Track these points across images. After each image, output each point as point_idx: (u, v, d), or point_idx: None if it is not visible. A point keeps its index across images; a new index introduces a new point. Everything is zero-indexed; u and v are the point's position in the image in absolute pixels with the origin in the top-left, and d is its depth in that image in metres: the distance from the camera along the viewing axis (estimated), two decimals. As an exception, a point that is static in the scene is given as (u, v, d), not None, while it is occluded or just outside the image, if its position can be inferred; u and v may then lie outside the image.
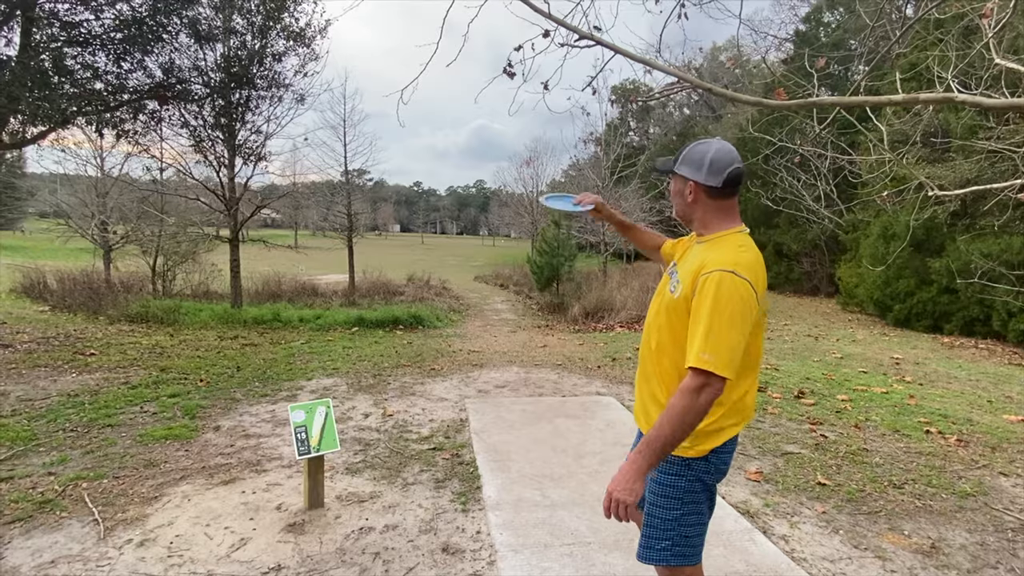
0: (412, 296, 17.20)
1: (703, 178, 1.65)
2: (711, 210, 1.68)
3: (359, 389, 5.61)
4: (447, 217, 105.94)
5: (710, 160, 1.64)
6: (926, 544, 2.94)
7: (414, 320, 11.25)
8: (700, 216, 1.70)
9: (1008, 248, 8.89)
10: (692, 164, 1.68)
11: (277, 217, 49.36)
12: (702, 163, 1.65)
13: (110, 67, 6.20)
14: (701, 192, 1.67)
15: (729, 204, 1.68)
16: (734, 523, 3.08)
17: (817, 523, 3.15)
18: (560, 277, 15.66)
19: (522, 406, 5.06)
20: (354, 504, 3.19)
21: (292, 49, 8.04)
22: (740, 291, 1.46)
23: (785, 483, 3.67)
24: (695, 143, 1.71)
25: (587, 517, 3.09)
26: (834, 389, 6.20)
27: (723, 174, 1.63)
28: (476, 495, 3.34)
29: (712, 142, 1.68)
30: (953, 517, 3.24)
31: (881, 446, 4.41)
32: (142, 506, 3.11)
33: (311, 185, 21.10)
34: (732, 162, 1.64)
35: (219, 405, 4.92)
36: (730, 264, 1.50)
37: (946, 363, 8.07)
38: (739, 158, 1.66)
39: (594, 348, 8.55)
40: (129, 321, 9.68)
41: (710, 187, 1.65)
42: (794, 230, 17.69)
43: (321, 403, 3.16)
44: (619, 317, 11.52)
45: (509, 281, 22.75)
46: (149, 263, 13.72)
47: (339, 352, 7.55)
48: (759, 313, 1.54)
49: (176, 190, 12.67)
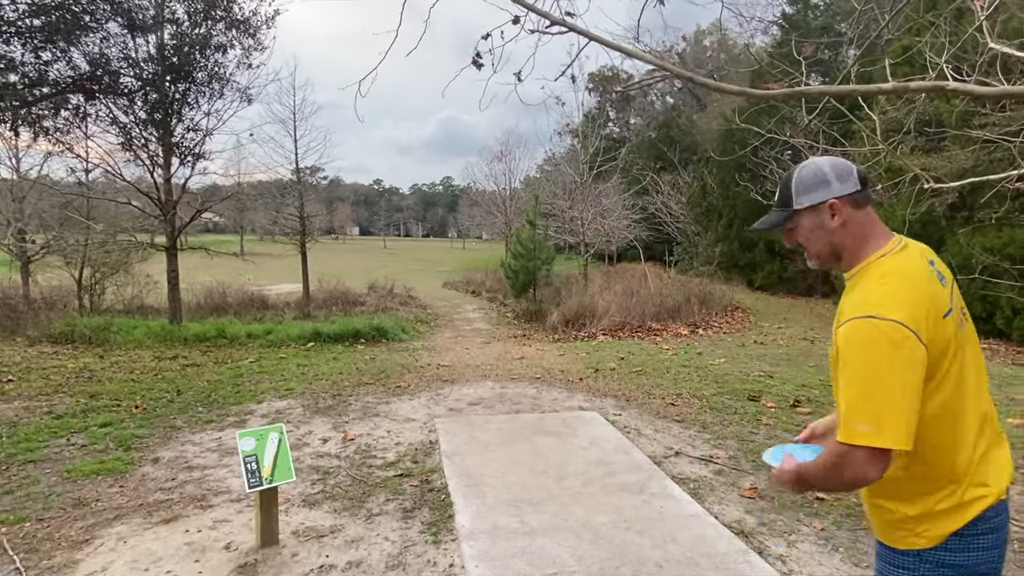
0: (374, 306, 17.08)
1: (839, 188, 1.47)
2: (860, 231, 1.48)
3: (316, 411, 5.54)
4: (412, 218, 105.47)
5: (831, 169, 1.48)
6: (929, 559, 3.04)
7: (377, 333, 11.18)
8: (851, 242, 1.49)
9: (1011, 241, 9.26)
10: (816, 185, 1.49)
11: (220, 221, 48.49)
12: (826, 177, 1.48)
13: (27, 58, 6.05)
14: (846, 206, 1.47)
15: (872, 216, 1.49)
16: (728, 544, 3.14)
17: (816, 541, 3.23)
18: (537, 282, 15.73)
19: (497, 424, 5.07)
20: (312, 540, 3.15)
21: (236, 40, 7.92)
22: (883, 338, 1.28)
23: (781, 499, 3.76)
24: (792, 172, 1.56)
25: (570, 544, 3.11)
26: (831, 397, 6.35)
27: (853, 174, 1.48)
28: (448, 524, 3.34)
29: (812, 159, 1.53)
30: (957, 529, 3.36)
31: (881, 456, 4.54)
32: (71, 551, 3.02)
33: (258, 185, 20.81)
34: (850, 162, 1.50)
35: (157, 434, 4.81)
36: (866, 306, 1.33)
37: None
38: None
39: (576, 359, 8.61)
40: (52, 342, 9.39)
41: (851, 194, 1.46)
42: (786, 226, 18.12)
43: (273, 428, 3.12)
44: (602, 324, 11.63)
45: (481, 287, 22.77)
46: (74, 276, 13.34)
47: (293, 371, 7.46)
48: (941, 341, 1.34)
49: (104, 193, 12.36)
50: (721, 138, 20.78)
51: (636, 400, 6.08)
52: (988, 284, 9.60)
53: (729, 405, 5.96)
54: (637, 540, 3.16)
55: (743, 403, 6.04)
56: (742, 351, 9.41)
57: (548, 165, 49.91)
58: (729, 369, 7.77)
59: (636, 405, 5.89)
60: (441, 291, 23.05)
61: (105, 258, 13.91)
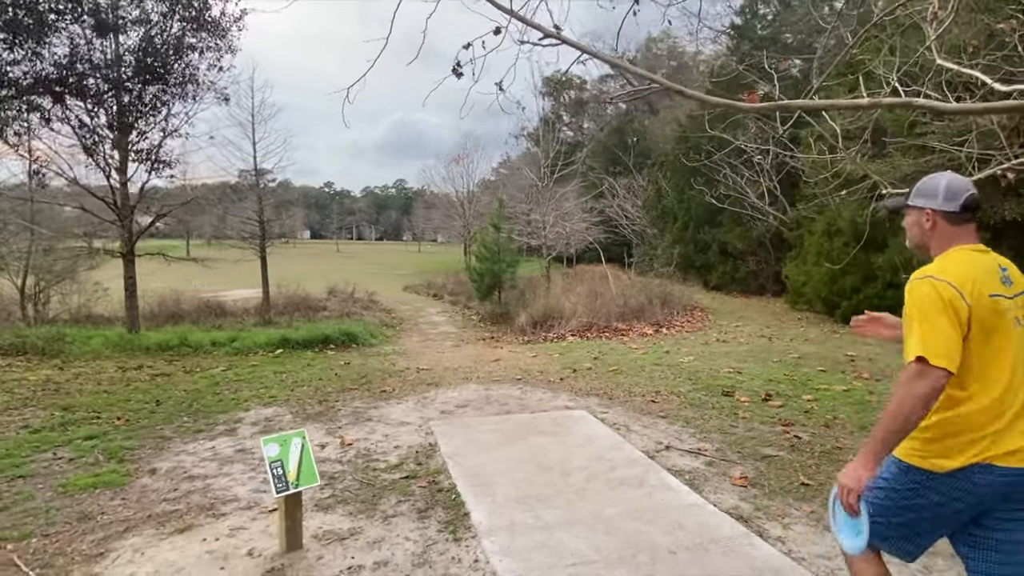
0: (337, 311, 16.87)
1: (939, 204, 1.90)
2: (947, 236, 1.91)
3: (306, 418, 5.53)
4: (364, 221, 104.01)
5: (945, 187, 1.90)
6: (910, 534, 3.33)
7: (346, 338, 11.10)
8: (937, 243, 1.93)
9: (947, 242, 9.97)
10: (927, 194, 1.94)
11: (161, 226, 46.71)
12: (936, 191, 1.92)
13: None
14: (939, 218, 1.91)
15: (966, 230, 1.91)
16: (731, 529, 3.36)
17: (807, 522, 3.49)
18: (502, 284, 15.89)
19: (491, 425, 5.19)
20: (334, 542, 3.21)
21: (205, 42, 7.72)
22: (934, 291, 1.73)
23: (770, 486, 4.01)
24: (926, 178, 1.98)
25: (586, 536, 3.27)
26: (798, 390, 6.74)
27: (960, 199, 1.88)
28: (464, 522, 3.44)
29: (945, 174, 1.95)
30: (930, 507, 3.68)
31: (853, 443, 4.89)
32: (87, 565, 2.99)
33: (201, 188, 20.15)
34: (967, 188, 1.89)
35: (148, 445, 4.72)
36: (925, 271, 1.81)
37: (898, 358, 8.90)
38: (973, 187, 1.92)
39: (550, 360, 8.79)
40: (2, 354, 8.96)
41: (948, 212, 1.90)
42: (738, 228, 18.80)
43: (296, 434, 3.16)
44: (570, 325, 11.86)
45: (443, 290, 22.74)
46: (16, 284, 12.70)
47: (270, 378, 7.37)
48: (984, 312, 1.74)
49: (55, 197, 11.81)
50: (675, 143, 21.44)
51: (619, 398, 6.30)
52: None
53: (706, 400, 6.25)
54: (647, 529, 3.34)
55: (718, 398, 6.34)
56: (707, 349, 9.80)
57: (504, 168, 50.27)
58: (699, 366, 8.10)
59: (619, 403, 6.11)
60: (402, 295, 22.88)
61: (50, 265, 13.29)
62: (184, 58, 7.65)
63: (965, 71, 4.90)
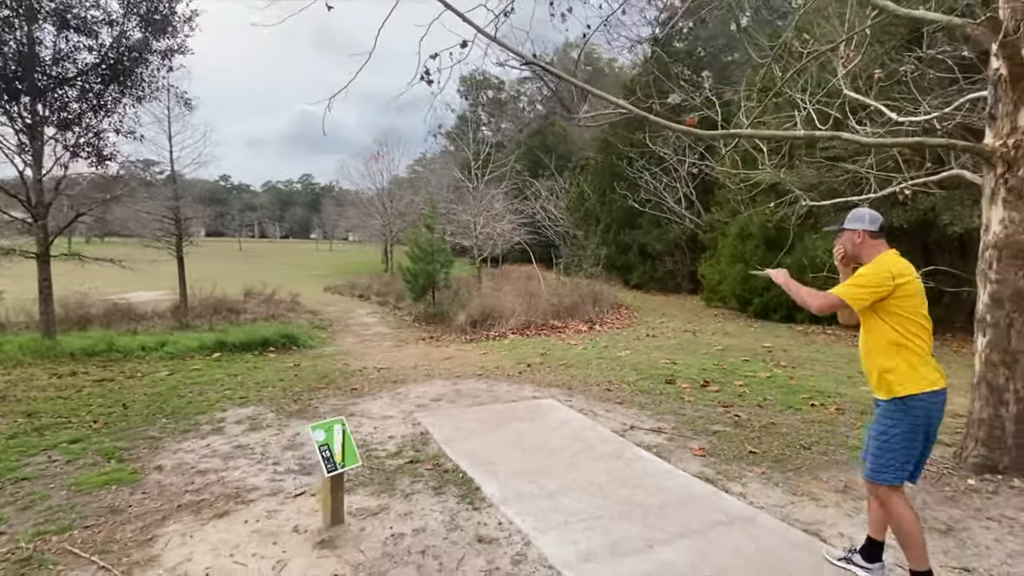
0: (259, 314, 16.63)
1: (866, 225, 2.95)
2: (871, 246, 2.95)
3: (289, 415, 5.81)
4: (267, 218, 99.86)
5: (869, 216, 2.96)
6: (840, 486, 4.22)
7: (286, 340, 11.17)
8: (864, 253, 2.96)
9: (844, 246, 11.50)
10: (858, 220, 2.99)
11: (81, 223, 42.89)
12: (864, 218, 2.97)
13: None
14: (867, 235, 2.95)
15: (883, 242, 2.95)
16: (702, 488, 4.10)
17: (760, 481, 4.30)
18: (437, 285, 16.27)
19: (473, 415, 5.71)
20: (369, 517, 3.64)
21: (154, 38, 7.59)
22: (876, 268, 2.81)
23: (725, 455, 4.82)
24: (855, 211, 3.04)
25: (586, 499, 3.89)
26: (729, 377, 7.73)
27: (878, 223, 2.96)
28: (478, 495, 3.97)
29: (866, 209, 3.03)
30: (852, 466, 4.60)
31: (783, 419, 5.83)
32: (142, 549, 3.26)
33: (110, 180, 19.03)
34: (880, 216, 2.99)
35: (141, 446, 4.87)
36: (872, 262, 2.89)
37: (806, 348, 10.25)
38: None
39: (500, 357, 9.38)
40: (-92, 363, 8.40)
41: (872, 231, 2.95)
42: (656, 230, 20.22)
43: (336, 421, 3.57)
44: (509, 324, 12.50)
45: (369, 291, 22.71)
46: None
47: (227, 380, 7.48)
48: (905, 284, 2.78)
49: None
50: (597, 148, 22.62)
51: (577, 388, 7.00)
52: (829, 280, 11.77)
53: (653, 388, 7.08)
54: (635, 492, 4.02)
55: (663, 386, 7.19)
56: (640, 343, 10.75)
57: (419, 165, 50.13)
58: (637, 359, 8.97)
59: (579, 393, 6.80)
60: (325, 296, 22.61)
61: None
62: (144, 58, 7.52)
63: (869, 102, 5.98)
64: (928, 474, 4.41)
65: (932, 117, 5.60)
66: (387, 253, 33.83)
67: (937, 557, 3.26)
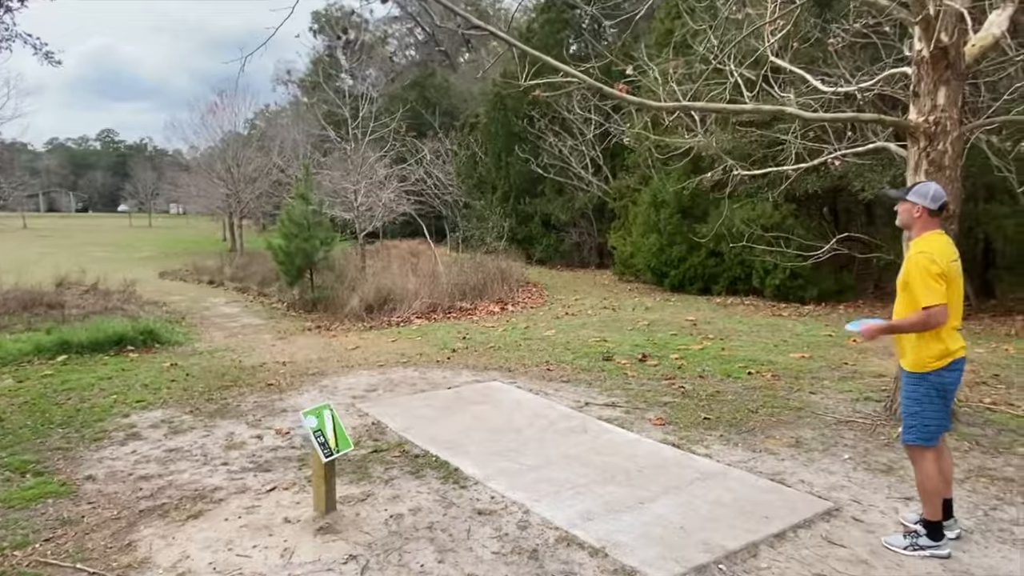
0: (87, 308, 15.96)
1: (929, 204, 3.57)
2: (926, 223, 3.61)
3: (209, 415, 6.06)
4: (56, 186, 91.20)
5: (932, 193, 3.58)
6: (792, 441, 5.30)
7: (146, 338, 10.97)
8: (917, 228, 3.64)
9: (763, 214, 13.12)
10: (920, 195, 3.61)
11: None
12: (927, 195, 3.58)
13: None
14: (925, 212, 3.59)
15: (936, 221, 3.62)
16: (671, 452, 5.01)
17: (721, 443, 5.29)
18: (315, 265, 16.30)
19: (423, 402, 6.30)
20: (358, 503, 4.17)
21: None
22: (928, 260, 3.41)
23: (682, 422, 5.79)
24: (921, 183, 3.77)
25: (567, 470, 4.66)
26: (664, 351, 8.84)
27: (939, 202, 3.58)
28: (459, 475, 4.61)
29: (932, 183, 3.69)
30: (798, 424, 5.74)
31: (726, 388, 6.95)
32: (126, 553, 3.59)
33: None
34: (944, 196, 3.60)
35: (51, 458, 4.98)
36: (920, 249, 3.50)
37: (729, 320, 11.70)
38: (946, 195, 3.67)
39: (415, 344, 9.92)
40: None
41: (931, 210, 3.58)
42: (560, 199, 21.39)
43: (324, 407, 4.05)
44: (413, 308, 13.00)
45: (220, 276, 22.07)
46: None
47: (105, 385, 7.43)
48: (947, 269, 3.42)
49: None
50: (490, 104, 23.32)
51: (517, 371, 7.76)
52: (745, 249, 13.39)
53: (593, 366, 8.00)
54: (611, 460, 4.84)
55: (602, 363, 8.13)
56: (561, 323, 11.71)
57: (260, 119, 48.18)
58: (567, 339, 9.90)
59: (521, 374, 7.57)
60: (163, 284, 21.69)
61: None
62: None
63: (796, 70, 7.14)
64: (865, 426, 5.63)
65: (854, 89, 6.85)
66: (232, 229, 32.63)
67: (883, 491, 4.36)
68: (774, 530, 3.79)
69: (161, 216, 68.95)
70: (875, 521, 3.94)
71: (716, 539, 3.67)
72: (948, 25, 4.90)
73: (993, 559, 3.50)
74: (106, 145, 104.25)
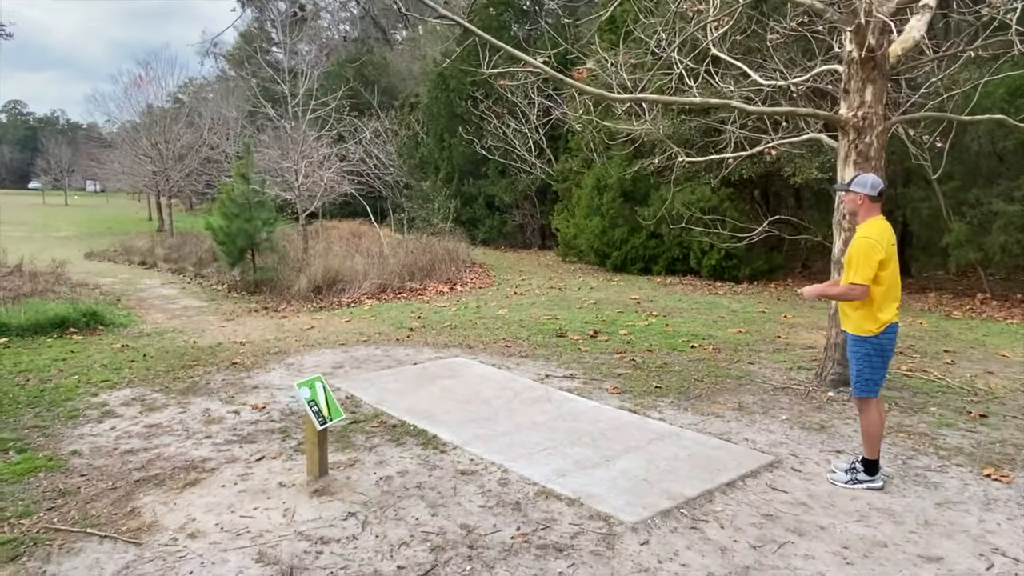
0: (14, 290, 15.49)
1: (869, 191, 4.15)
2: (869, 209, 4.19)
3: (181, 393, 6.23)
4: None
5: (871, 182, 4.17)
6: (735, 406, 5.88)
7: (92, 319, 10.85)
8: (862, 214, 4.22)
9: (701, 198, 13.82)
10: (861, 184, 4.19)
11: None
12: (866, 184, 4.17)
13: None
14: (867, 199, 4.17)
15: (877, 206, 4.19)
16: (631, 417, 5.51)
17: (673, 408, 5.82)
18: (258, 246, 16.20)
19: (392, 376, 6.62)
20: (347, 468, 4.49)
21: None
22: (868, 243, 4.01)
23: (636, 391, 6.31)
24: (860, 175, 4.35)
25: (537, 434, 5.09)
26: (612, 327, 9.37)
27: (879, 188, 4.16)
28: (437, 442, 4.98)
29: (870, 175, 4.32)
30: (740, 390, 6.33)
31: (673, 360, 7.51)
32: (132, 518, 3.82)
33: None
34: (881, 184, 4.19)
35: (27, 436, 5.09)
36: (863, 234, 4.09)
37: (669, 298, 12.36)
38: (883, 183, 4.27)
39: (370, 323, 10.17)
40: None
41: (871, 196, 4.15)
42: (503, 180, 21.73)
43: (316, 379, 4.34)
44: (363, 289, 13.18)
45: (152, 256, 21.55)
46: None
47: (62, 367, 7.45)
48: (886, 253, 4.00)
49: None
50: (432, 84, 23.39)
51: (477, 348, 8.14)
52: (684, 231, 14.09)
53: (548, 342, 8.46)
54: (576, 425, 5.30)
55: (557, 340, 8.60)
56: (512, 302, 12.13)
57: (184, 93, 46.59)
58: (520, 317, 10.33)
59: (481, 351, 7.96)
60: (91, 265, 21.05)
61: None
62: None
63: (740, 66, 7.70)
64: (799, 392, 6.27)
65: (791, 83, 7.45)
66: (160, 208, 31.72)
67: (817, 446, 4.97)
68: (725, 480, 4.33)
69: (77, 194, 65.94)
70: (811, 471, 4.53)
71: (676, 488, 4.17)
72: (876, 31, 5.49)
73: (910, 498, 4.12)
74: (13, 118, 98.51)
